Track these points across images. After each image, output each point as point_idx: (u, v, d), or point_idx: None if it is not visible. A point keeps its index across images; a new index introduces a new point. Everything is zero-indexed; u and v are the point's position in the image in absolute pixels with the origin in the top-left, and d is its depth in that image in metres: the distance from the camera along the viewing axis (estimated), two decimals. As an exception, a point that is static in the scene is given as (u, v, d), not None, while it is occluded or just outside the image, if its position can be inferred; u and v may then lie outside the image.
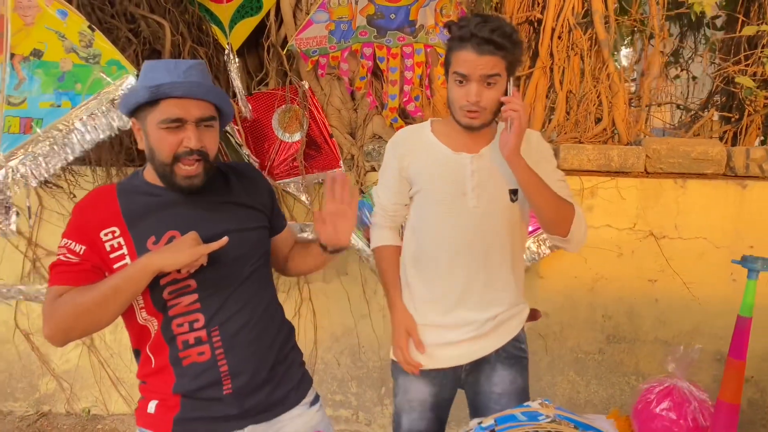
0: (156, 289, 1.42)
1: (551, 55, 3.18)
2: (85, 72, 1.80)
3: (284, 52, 2.98)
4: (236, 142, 2.98)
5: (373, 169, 3.06)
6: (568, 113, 3.22)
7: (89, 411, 3.53)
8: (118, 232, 1.41)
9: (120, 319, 1.47)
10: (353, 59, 3.04)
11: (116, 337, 3.45)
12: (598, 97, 3.12)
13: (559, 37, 3.15)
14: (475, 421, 1.69)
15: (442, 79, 3.10)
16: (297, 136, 3.01)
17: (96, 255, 1.40)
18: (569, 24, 3.13)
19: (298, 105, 3.00)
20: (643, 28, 3.50)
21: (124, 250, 1.41)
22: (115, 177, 3.11)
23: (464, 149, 1.80)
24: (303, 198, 3.08)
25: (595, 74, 3.16)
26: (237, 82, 2.93)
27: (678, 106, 3.75)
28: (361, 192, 3.03)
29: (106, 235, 1.41)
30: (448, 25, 1.73)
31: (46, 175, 1.77)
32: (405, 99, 3.06)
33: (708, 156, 2.90)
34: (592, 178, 2.98)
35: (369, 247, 3.02)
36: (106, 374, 3.48)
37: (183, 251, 1.36)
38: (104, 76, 1.82)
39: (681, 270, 2.96)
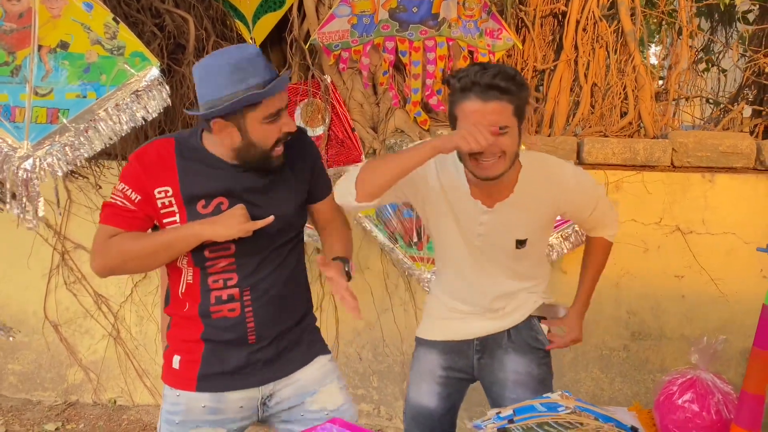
0: (199, 246, 1.52)
1: (576, 47, 3.14)
2: (109, 63, 1.84)
3: (306, 46, 2.99)
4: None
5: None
6: (593, 107, 3.18)
7: (115, 401, 3.59)
8: (171, 192, 1.50)
9: (143, 313, 1.54)
10: (375, 53, 3.04)
11: (141, 329, 3.51)
12: (623, 90, 3.07)
13: (584, 30, 3.11)
14: (494, 411, 1.67)
15: (465, 72, 3.10)
16: (319, 130, 3.02)
17: (149, 207, 1.51)
18: (594, 16, 3.09)
19: (320, 99, 3.01)
20: (672, 20, 3.44)
21: (175, 209, 1.51)
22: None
23: (480, 197, 1.76)
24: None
25: (620, 67, 3.12)
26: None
27: (707, 101, 3.67)
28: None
29: (159, 192, 1.50)
30: (447, 80, 1.68)
31: (72, 165, 1.81)
32: (427, 93, 3.05)
33: (737, 149, 2.84)
34: (617, 172, 2.94)
35: (390, 241, 3.03)
36: (132, 366, 3.53)
37: (233, 227, 1.47)
38: (128, 68, 1.85)
39: (709, 266, 2.90)
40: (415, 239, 3.00)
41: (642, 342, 3.02)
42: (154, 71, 1.88)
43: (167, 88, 1.90)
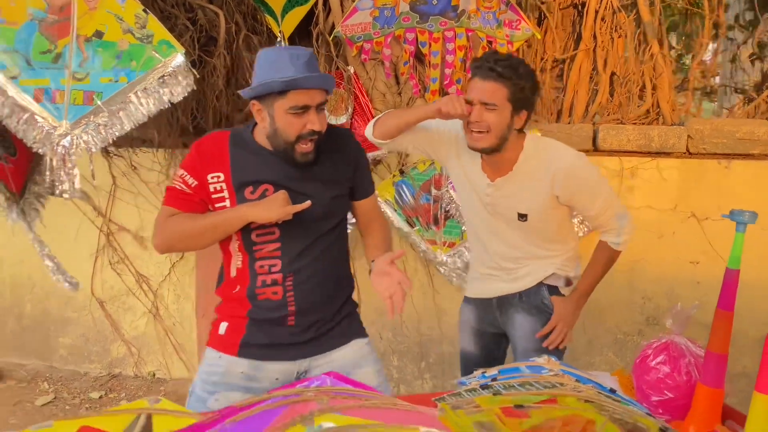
0: (247, 231, 1.67)
1: (594, 37, 3.19)
2: (139, 51, 2.03)
3: (330, 38, 3.14)
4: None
5: (415, 151, 3.18)
6: (611, 95, 3.22)
7: (154, 374, 3.83)
8: (222, 177, 1.65)
9: (180, 292, 1.72)
10: (396, 44, 3.17)
11: (179, 306, 3.73)
12: (641, 77, 3.11)
13: (603, 20, 3.16)
14: (480, 370, 1.78)
15: (484, 62, 3.20)
16: (343, 119, 3.17)
17: (204, 191, 1.66)
18: (613, 6, 3.13)
19: (343, 89, 3.16)
20: (696, 10, 3.44)
21: (225, 194, 1.66)
22: (179, 158, 3.37)
23: (487, 171, 1.98)
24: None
25: (639, 56, 3.15)
26: (288, 68, 3.12)
27: (730, 89, 3.65)
28: (402, 172, 3.16)
29: (212, 178, 1.65)
30: (474, 60, 1.97)
31: (105, 142, 2.01)
32: (446, 82, 3.16)
33: (754, 136, 2.84)
34: (632, 158, 2.98)
35: (409, 225, 3.15)
36: (169, 341, 3.76)
37: (274, 209, 1.59)
38: (156, 55, 2.04)
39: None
40: (433, 223, 3.11)
41: (656, 327, 3.05)
42: (179, 57, 2.06)
43: (193, 72, 2.08)
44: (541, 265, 2.06)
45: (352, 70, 3.17)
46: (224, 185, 1.64)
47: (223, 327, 1.76)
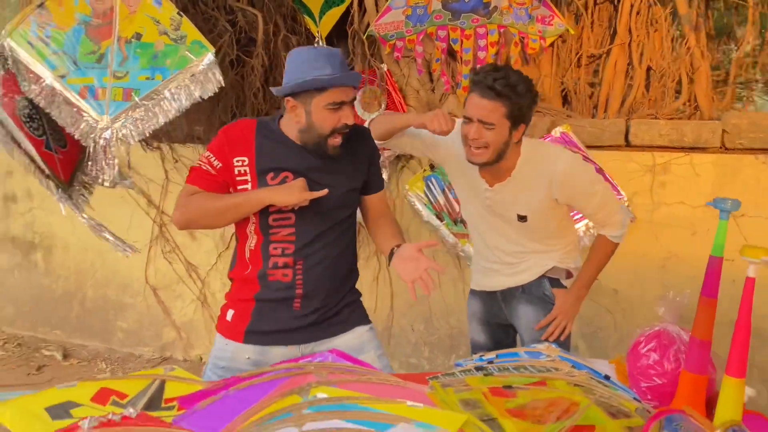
0: (265, 214, 1.77)
1: (630, 32, 3.16)
2: (173, 51, 2.19)
3: (364, 36, 3.25)
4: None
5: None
6: (647, 90, 3.19)
7: (201, 358, 4.05)
8: (246, 162, 1.75)
9: (226, 281, 1.88)
10: (429, 42, 3.24)
11: (224, 294, 3.92)
12: (678, 71, 3.06)
13: (638, 13, 3.13)
14: (478, 354, 1.84)
15: (516, 58, 3.23)
16: (375, 115, 3.27)
17: (228, 173, 1.76)
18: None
19: (377, 86, 3.26)
20: (740, 2, 3.35)
21: (248, 177, 1.76)
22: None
23: (485, 176, 2.02)
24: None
25: (675, 50, 3.10)
26: (325, 67, 3.25)
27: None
28: (432, 167, 3.23)
29: (237, 161, 1.75)
30: (472, 72, 2.02)
31: (141, 135, 2.19)
32: (478, 78, 3.20)
33: (794, 130, 2.75)
34: (665, 153, 2.94)
35: (438, 219, 3.22)
36: (215, 327, 3.96)
37: (292, 194, 1.69)
38: (189, 54, 2.20)
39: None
40: (461, 218, 3.17)
41: (689, 326, 2.98)
42: (209, 57, 2.22)
43: (219, 70, 2.24)
44: (541, 258, 2.10)
45: (385, 68, 3.27)
46: (248, 169, 1.74)
47: (230, 314, 1.86)
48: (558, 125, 3.05)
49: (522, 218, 2.03)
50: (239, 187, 1.76)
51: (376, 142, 2.00)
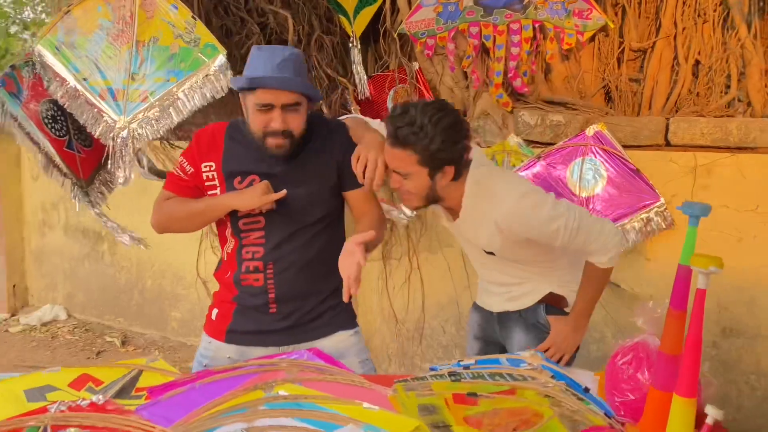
0: (236, 218, 1.79)
1: (675, 23, 2.97)
2: (187, 53, 2.28)
3: (395, 34, 3.23)
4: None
5: (478, 145, 3.17)
6: (693, 85, 2.98)
7: (244, 350, 4.18)
8: (214, 167, 1.78)
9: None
10: (461, 39, 3.18)
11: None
12: (726, 62, 2.84)
13: (685, 3, 2.93)
14: (457, 359, 1.79)
15: (552, 53, 3.12)
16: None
17: (198, 178, 1.79)
18: (696, -11, 2.90)
19: (408, 85, 3.24)
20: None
21: (216, 182, 1.78)
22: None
23: (445, 211, 1.92)
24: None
25: (725, 42, 2.88)
26: (358, 67, 3.28)
27: None
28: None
29: (205, 167, 1.78)
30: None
31: (156, 134, 2.30)
32: (511, 75, 3.11)
33: None
34: (708, 154, 2.73)
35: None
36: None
37: (253, 198, 1.70)
38: (201, 56, 2.28)
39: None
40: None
41: (734, 340, 2.77)
42: (221, 58, 2.29)
43: (230, 71, 2.30)
44: (538, 283, 1.97)
45: (416, 66, 3.24)
46: (215, 174, 1.76)
47: (214, 313, 1.89)
48: (592, 123, 2.91)
49: (489, 253, 1.91)
50: (209, 192, 1.78)
51: None
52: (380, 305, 3.60)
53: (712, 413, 1.19)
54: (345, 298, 1.61)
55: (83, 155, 2.53)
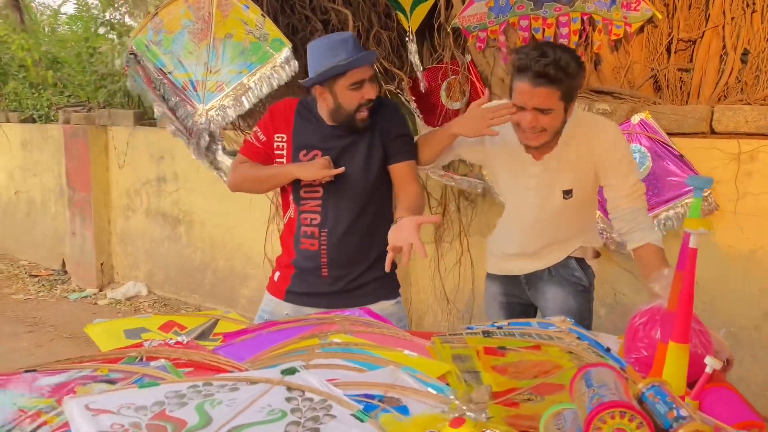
0: (297, 186, 2.04)
1: (723, 13, 3.03)
2: (257, 47, 2.56)
3: (449, 28, 3.42)
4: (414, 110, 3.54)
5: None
6: (742, 74, 3.03)
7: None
8: (285, 138, 2.04)
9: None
10: (512, 32, 3.33)
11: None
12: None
13: (734, -7, 2.99)
14: (492, 321, 1.97)
15: (599, 44, 3.23)
16: (457, 105, 3.44)
17: (269, 147, 2.06)
18: (745, -22, 2.95)
19: (460, 77, 3.42)
20: None
21: (284, 152, 2.05)
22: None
23: (531, 152, 2.00)
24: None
25: (775, 30, 2.92)
26: (414, 60, 3.49)
27: None
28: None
29: (278, 137, 2.05)
30: (513, 53, 2.00)
31: (228, 120, 2.59)
32: (560, 66, 3.24)
33: None
34: (752, 141, 2.80)
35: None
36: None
37: (315, 170, 1.95)
38: (270, 50, 2.56)
39: None
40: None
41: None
42: (286, 51, 2.56)
43: (295, 62, 2.57)
44: (581, 235, 2.13)
45: (468, 59, 3.42)
46: (285, 145, 2.03)
47: (276, 275, 2.16)
48: (638, 112, 3.02)
49: (567, 194, 2.03)
50: (276, 161, 2.05)
51: (427, 168, 2.11)
52: (432, 286, 3.81)
53: (711, 363, 1.35)
54: (387, 268, 1.80)
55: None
